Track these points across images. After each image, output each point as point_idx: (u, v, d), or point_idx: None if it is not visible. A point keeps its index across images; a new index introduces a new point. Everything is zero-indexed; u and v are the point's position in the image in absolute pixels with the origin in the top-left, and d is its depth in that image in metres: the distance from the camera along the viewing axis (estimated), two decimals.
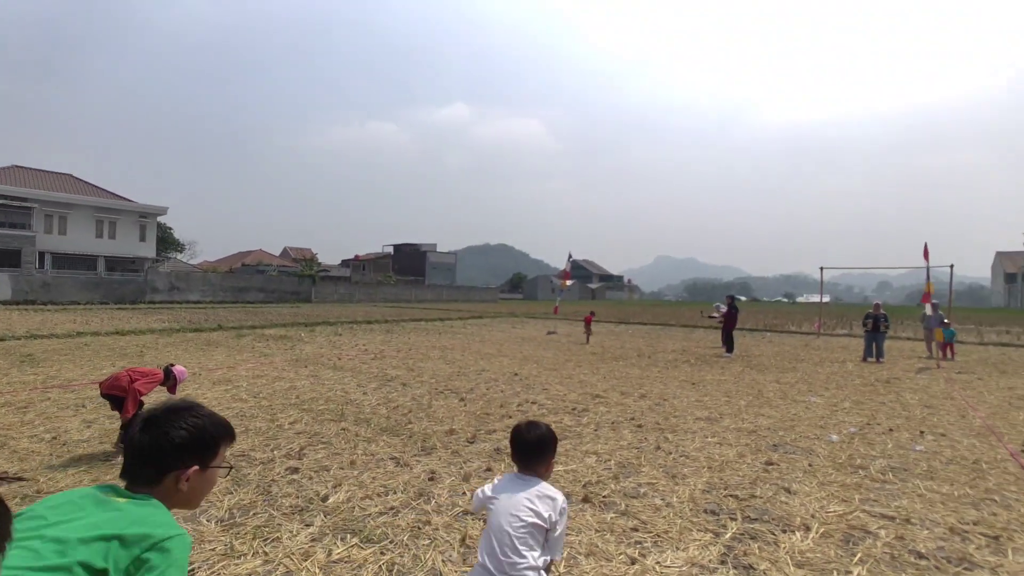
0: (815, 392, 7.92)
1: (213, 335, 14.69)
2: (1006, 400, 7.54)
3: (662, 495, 3.74)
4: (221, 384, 7.43)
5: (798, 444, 5.11)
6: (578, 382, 8.40)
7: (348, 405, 6.33)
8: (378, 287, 56.76)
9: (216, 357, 10.16)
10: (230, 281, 43.55)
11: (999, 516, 3.47)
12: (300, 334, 15.68)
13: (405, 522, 3.18)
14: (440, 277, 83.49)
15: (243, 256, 72.47)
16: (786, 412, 6.50)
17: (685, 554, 2.90)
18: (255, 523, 3.09)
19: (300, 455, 4.38)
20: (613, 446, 4.92)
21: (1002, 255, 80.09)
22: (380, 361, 10.30)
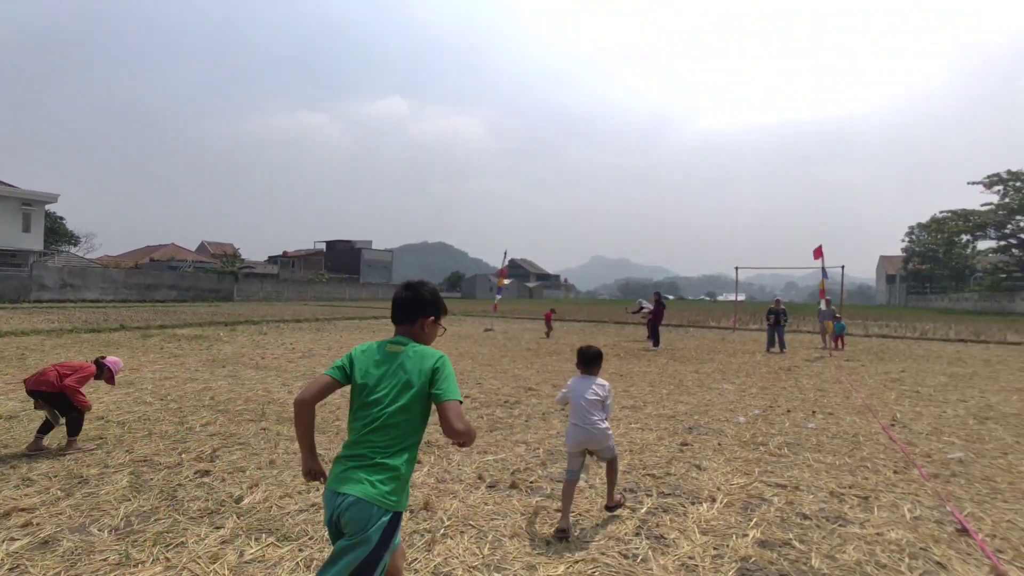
0: (728, 380, 8.60)
1: (114, 336, 13.29)
2: (882, 383, 8.63)
3: (586, 478, 3.90)
4: (121, 387, 6.74)
5: (710, 426, 5.53)
6: (512, 376, 8.53)
7: (270, 404, 5.99)
8: (309, 285, 54.03)
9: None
10: (136, 278, 39.51)
11: (869, 480, 3.97)
12: (219, 333, 14.58)
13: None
14: (376, 275, 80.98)
15: (152, 250, 65.94)
16: (702, 398, 7.01)
17: (604, 529, 3.06)
18: (156, 529, 2.85)
19: (212, 457, 4.09)
20: (543, 435, 5.06)
21: (884, 258, 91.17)
22: (309, 360, 9.84)
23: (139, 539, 2.73)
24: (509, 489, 3.66)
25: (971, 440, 5.15)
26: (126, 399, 6.06)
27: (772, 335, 13.33)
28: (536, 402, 6.56)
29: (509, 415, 5.84)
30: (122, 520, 2.94)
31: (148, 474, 3.69)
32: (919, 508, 3.43)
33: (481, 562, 2.66)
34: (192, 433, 4.76)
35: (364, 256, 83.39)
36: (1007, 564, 2.73)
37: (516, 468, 4.08)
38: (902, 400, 7.15)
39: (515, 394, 7.03)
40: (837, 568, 2.66)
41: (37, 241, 39.29)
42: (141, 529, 2.85)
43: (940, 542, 2.96)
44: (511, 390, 7.32)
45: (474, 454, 4.40)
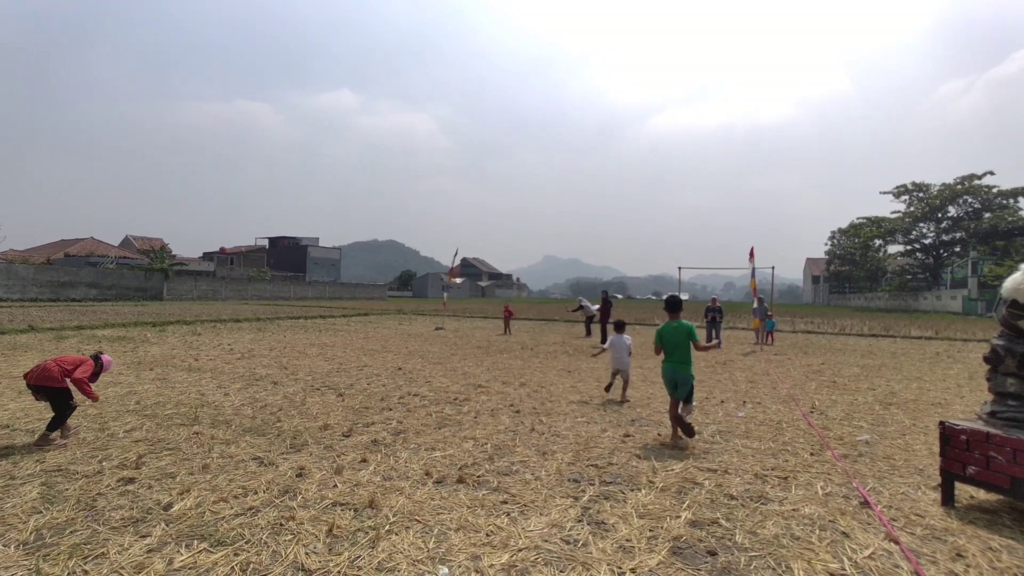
0: None
1: (21, 338, 12.05)
2: (804, 374, 9.38)
3: (532, 470, 4.00)
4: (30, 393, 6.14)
5: (651, 419, 5.81)
6: (462, 374, 8.53)
7: (204, 408, 5.68)
8: (250, 283, 51.25)
9: (24, 363, 8.35)
10: (48, 274, 35.92)
11: (789, 462, 4.33)
12: (146, 334, 13.57)
13: (265, 521, 2.99)
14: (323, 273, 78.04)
15: (67, 244, 60.01)
16: (645, 392, 7.32)
17: (547, 518, 3.16)
18: (72, 541, 2.65)
19: (137, 464, 3.83)
20: (491, 431, 5.11)
21: (810, 260, 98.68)
22: (248, 361, 9.37)
23: (52, 552, 2.53)
24: (456, 484, 3.69)
25: (876, 424, 5.72)
26: (35, 405, 5.53)
27: (710, 331, 14.11)
28: (485, 399, 6.61)
29: (458, 412, 5.85)
30: (31, 534, 2.71)
31: (62, 484, 3.41)
32: (830, 485, 3.79)
33: (426, 555, 2.68)
34: (114, 440, 4.43)
35: (310, 253, 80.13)
36: (899, 530, 3.08)
37: (463, 463, 4.11)
38: (821, 389, 7.81)
39: (464, 392, 7.05)
40: (758, 542, 2.90)
41: None
42: (55, 542, 2.64)
43: (846, 514, 3.28)
44: (460, 388, 7.33)
45: (421, 451, 4.39)
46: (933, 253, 58.56)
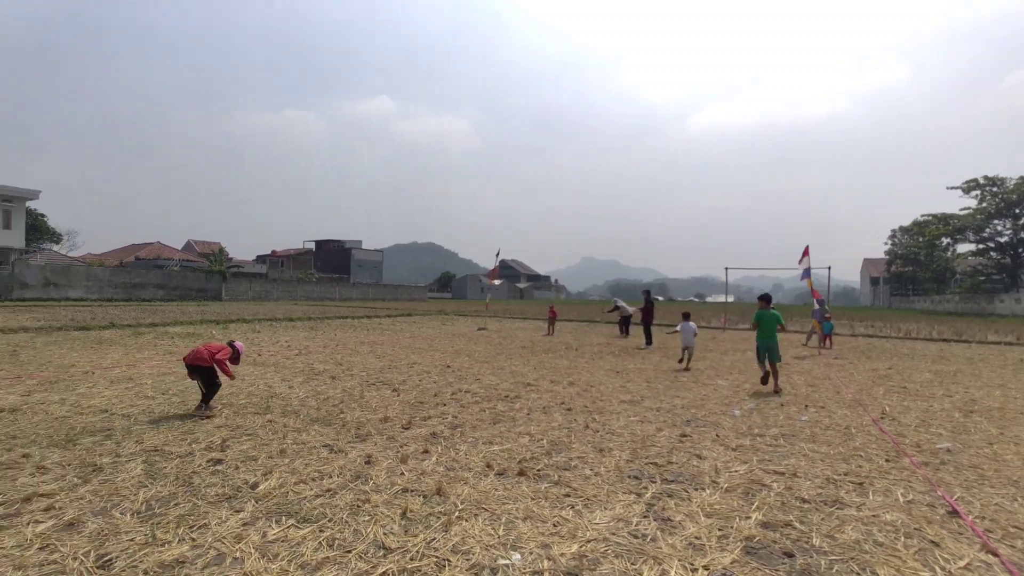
0: (722, 376, 8.79)
1: (105, 333, 13.14)
2: (870, 379, 8.88)
3: (591, 466, 4.02)
4: (121, 382, 6.73)
5: (707, 419, 5.68)
6: (509, 372, 8.63)
7: (273, 399, 6.03)
8: (299, 284, 53.60)
9: (111, 355, 9.13)
10: (121, 276, 38.91)
11: (863, 467, 4.14)
12: (212, 332, 14.49)
13: (343, 502, 3.16)
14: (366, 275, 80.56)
15: (137, 249, 64.88)
16: (697, 393, 7.17)
17: (612, 512, 3.17)
18: (178, 513, 2.90)
19: (223, 447, 4.13)
20: (545, 427, 5.16)
21: (868, 261, 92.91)
22: (305, 357, 9.84)
23: (162, 521, 2.78)
24: (517, 476, 3.76)
25: (957, 432, 5.36)
26: (127, 393, 6.05)
27: None
28: (536, 396, 6.66)
29: (510, 409, 5.93)
30: (143, 504, 2.99)
31: (161, 463, 3.72)
32: (912, 493, 3.60)
33: (497, 541, 2.76)
34: (200, 425, 4.78)
35: (354, 256, 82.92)
36: (996, 542, 2.89)
37: (522, 457, 4.18)
38: (890, 395, 7.38)
39: (514, 389, 7.13)
40: (837, 547, 2.80)
41: (18, 238, 38.49)
42: (163, 512, 2.90)
43: (933, 523, 3.11)
44: (510, 385, 7.41)
45: (479, 444, 4.49)
46: (1010, 252, 53.80)
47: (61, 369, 7.62)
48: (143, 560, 2.41)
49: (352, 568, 2.45)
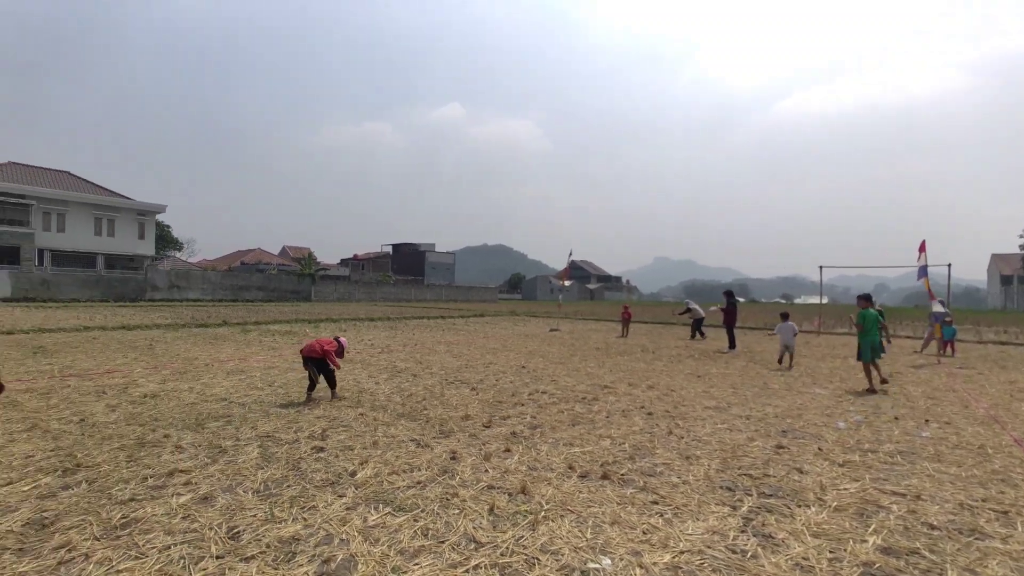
0: (819, 385, 8.06)
1: (219, 330, 14.77)
2: (1008, 393, 7.68)
3: (678, 473, 3.85)
4: (235, 374, 7.53)
5: (806, 431, 5.23)
6: (585, 374, 8.52)
7: (363, 393, 6.43)
8: (377, 286, 56.81)
9: (226, 350, 10.25)
10: (230, 280, 43.55)
11: (1007, 494, 3.59)
12: (305, 330, 15.77)
13: (433, 494, 3.30)
14: (439, 277, 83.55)
15: (242, 255, 72.40)
16: (792, 402, 6.62)
17: (705, 524, 3.02)
18: (290, 494, 3.19)
19: (323, 436, 4.48)
20: (626, 431, 5.03)
21: (997, 257, 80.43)
22: (387, 355, 10.40)
23: (278, 501, 3.08)
24: (601, 480, 3.69)
25: None
26: (241, 384, 6.76)
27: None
28: (614, 399, 6.52)
29: (588, 411, 5.86)
30: (260, 484, 3.33)
31: (273, 448, 4.12)
32: None
33: (586, 544, 2.73)
34: (302, 415, 5.23)
35: (428, 258, 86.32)
36: None
37: (604, 460, 4.11)
38: None
39: (591, 391, 7.03)
40: None
41: (149, 247, 44.49)
42: (278, 493, 3.20)
43: None
44: (587, 387, 7.32)
45: (560, 445, 4.48)
46: None
47: (187, 361, 8.69)
48: (265, 535, 2.68)
49: (447, 558, 2.54)
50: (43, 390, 6.03)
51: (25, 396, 5.70)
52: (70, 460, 3.66)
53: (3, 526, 2.69)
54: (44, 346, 10.06)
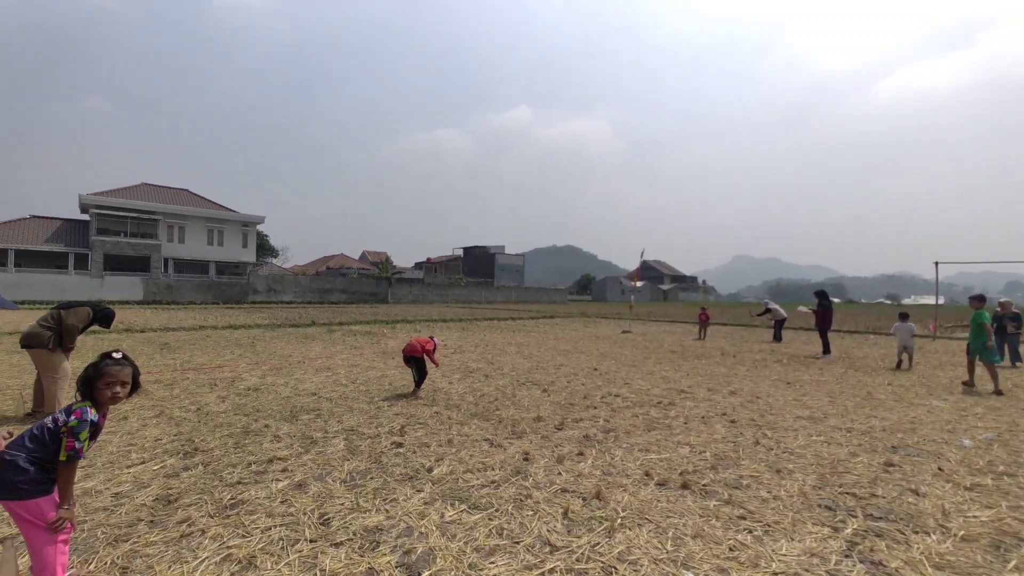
0: (937, 396, 7.10)
1: (309, 330, 16.03)
2: None
3: (767, 487, 3.57)
4: (323, 371, 8.12)
5: (922, 447, 4.62)
6: (660, 378, 8.18)
7: (437, 393, 6.65)
8: (449, 288, 58.70)
9: (314, 348, 11.09)
10: (317, 283, 47.17)
11: None
12: (383, 330, 16.66)
13: (507, 494, 3.32)
14: (508, 278, 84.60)
15: (327, 260, 78.21)
16: (903, 415, 5.89)
17: (802, 544, 2.76)
18: (373, 485, 3.37)
19: (402, 433, 4.69)
20: (706, 439, 4.75)
21: None
22: (460, 355, 10.68)
23: (363, 491, 3.26)
24: (680, 489, 3.51)
25: None
26: (328, 381, 7.27)
27: (1002, 346, 10.61)
28: (692, 404, 6.19)
29: (665, 416, 5.61)
30: (347, 475, 3.55)
31: (357, 441, 4.37)
32: None
33: (666, 556, 2.60)
34: (381, 411, 5.51)
35: (498, 260, 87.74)
36: None
37: (684, 469, 3.91)
38: None
39: (667, 396, 6.73)
40: None
41: (251, 254, 49.40)
42: (362, 484, 3.40)
43: None
44: (662, 391, 7.02)
45: (635, 451, 4.33)
46: None
47: (282, 358, 9.52)
48: (352, 523, 2.85)
49: (522, 559, 2.54)
50: (168, 381, 6.90)
51: (154, 386, 6.55)
52: (189, 444, 4.14)
53: (139, 500, 3.10)
54: (168, 343, 11.51)
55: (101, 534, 2.67)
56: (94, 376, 2.20)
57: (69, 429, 2.08)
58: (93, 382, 2.20)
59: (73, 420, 2.09)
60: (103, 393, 2.20)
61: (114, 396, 2.22)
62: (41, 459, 2.07)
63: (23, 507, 2.04)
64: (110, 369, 2.22)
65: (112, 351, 2.28)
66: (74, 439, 2.07)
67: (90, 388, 2.20)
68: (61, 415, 2.13)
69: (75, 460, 2.10)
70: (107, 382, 2.20)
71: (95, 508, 2.97)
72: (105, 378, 2.20)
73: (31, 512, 2.05)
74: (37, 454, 2.07)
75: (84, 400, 2.19)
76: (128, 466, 3.66)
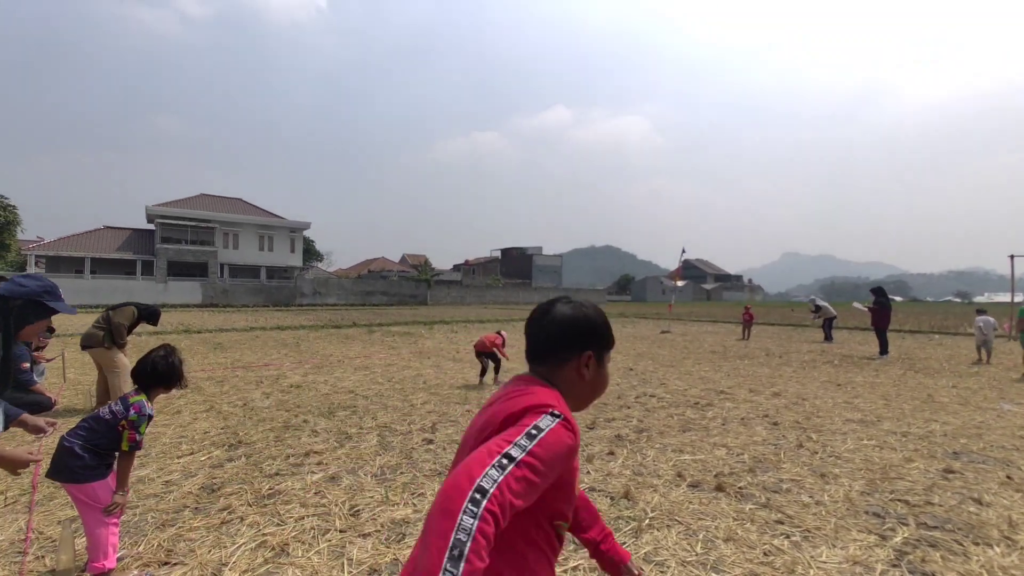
0: (1009, 399, 6.52)
1: (350, 331, 16.58)
2: None
3: (809, 492, 3.38)
4: (361, 370, 8.38)
5: (988, 454, 4.26)
6: (699, 378, 7.93)
7: (470, 391, 6.72)
8: (487, 290, 59.16)
9: (355, 348, 11.46)
10: (359, 286, 48.72)
11: None
12: (420, 331, 16.99)
13: None
14: (546, 279, 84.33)
15: (369, 263, 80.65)
16: (968, 419, 5.44)
17: (844, 552, 2.60)
18: (403, 480, 3.44)
19: (433, 430, 4.77)
20: (745, 441, 4.56)
21: None
22: None
23: (392, 485, 3.34)
24: (714, 491, 3.39)
25: None
26: (364, 379, 7.49)
27: None
28: (731, 406, 5.96)
29: (702, 417, 5.43)
30: (378, 469, 3.64)
31: (389, 437, 4.49)
32: None
33: (695, 559, 2.52)
34: (414, 409, 5.63)
35: (535, 262, 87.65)
36: None
37: (719, 471, 3.77)
38: None
39: (705, 396, 6.51)
40: None
41: (298, 259, 51.63)
42: (392, 478, 3.48)
43: None
44: (700, 392, 6.80)
45: (668, 451, 4.21)
46: None
47: (324, 357, 9.89)
48: (380, 515, 2.92)
49: None
50: (219, 378, 7.32)
51: (206, 383, 6.97)
52: (234, 437, 4.38)
53: (185, 488, 3.30)
54: (221, 343, 12.21)
55: (151, 518, 2.87)
56: (168, 374, 2.37)
57: (130, 423, 2.24)
58: (167, 380, 2.37)
59: (133, 414, 2.25)
60: (161, 391, 2.39)
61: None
62: (96, 447, 2.25)
63: (80, 490, 2.22)
64: (182, 371, 2.41)
65: (163, 348, 2.44)
66: (135, 431, 2.24)
67: (157, 383, 2.37)
68: (118, 406, 2.30)
69: (135, 450, 2.27)
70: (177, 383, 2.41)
71: (147, 495, 3.19)
72: (178, 380, 2.40)
73: (87, 495, 2.22)
74: (92, 442, 2.25)
75: (140, 393, 2.35)
76: (178, 456, 3.91)
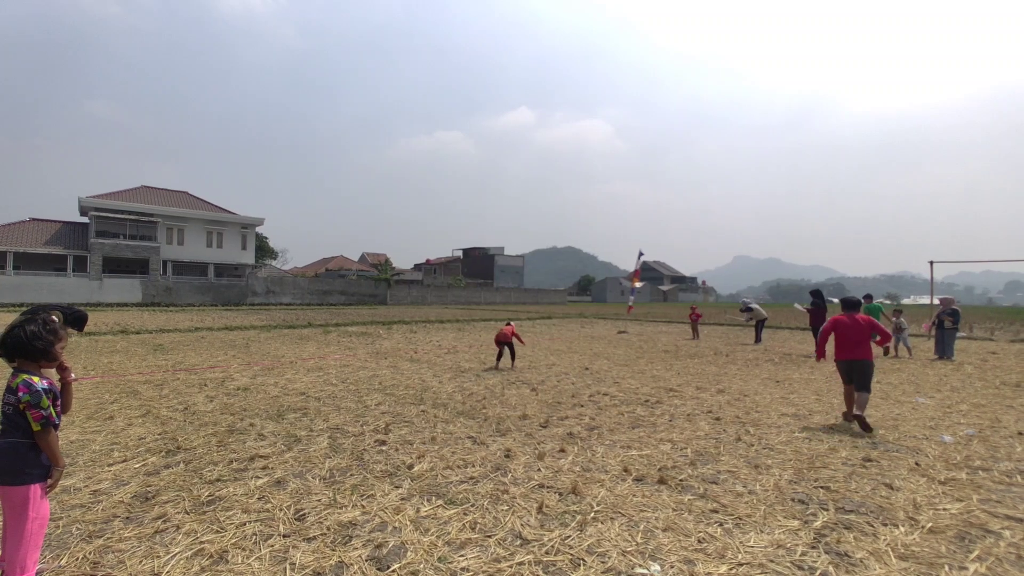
0: (923, 394, 7.14)
1: (304, 331, 16.06)
2: None
3: (743, 482, 3.61)
4: (314, 371, 8.16)
5: (902, 443, 4.66)
6: (651, 377, 8.22)
7: (426, 391, 6.69)
8: (449, 289, 58.70)
9: (308, 349, 11.13)
10: (316, 285, 47.20)
11: None
12: (379, 331, 16.69)
13: (484, 490, 3.36)
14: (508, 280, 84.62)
15: (327, 262, 78.21)
16: (888, 412, 5.93)
17: (770, 536, 2.80)
18: (352, 482, 3.41)
19: (386, 431, 4.72)
20: (689, 435, 4.79)
21: None
22: (453, 355, 10.72)
23: (340, 488, 3.30)
24: (657, 484, 3.56)
25: None
26: (318, 381, 7.31)
27: (939, 340, 11.47)
28: (679, 403, 6.23)
29: (651, 414, 5.65)
30: (327, 472, 3.58)
31: (340, 439, 4.41)
32: None
33: (635, 548, 2.64)
34: (368, 410, 5.55)
35: (497, 262, 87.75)
36: None
37: (663, 465, 3.95)
38: None
39: (655, 394, 6.77)
40: None
41: (250, 256, 49.41)
42: (341, 481, 3.43)
43: None
44: (651, 390, 7.06)
45: (617, 448, 4.36)
46: None
47: (275, 358, 9.56)
48: (327, 518, 2.89)
49: (492, 552, 2.58)
50: (158, 382, 6.94)
51: (144, 387, 6.59)
52: (172, 443, 4.19)
53: (116, 497, 3.14)
54: (163, 344, 11.55)
55: (76, 530, 2.72)
56: (27, 346, 2.14)
57: (27, 404, 2.09)
58: (30, 352, 2.15)
59: (24, 396, 2.09)
60: (43, 364, 2.21)
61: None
62: (26, 438, 2.11)
63: (16, 493, 2.08)
64: (62, 334, 2.23)
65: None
66: (37, 409, 2.09)
67: (24, 357, 2.15)
68: (10, 396, 2.11)
69: (50, 426, 2.13)
70: (62, 347, 2.24)
71: (72, 505, 3.02)
72: (60, 343, 2.23)
73: (20, 498, 2.09)
74: (17, 436, 2.10)
75: (18, 375, 2.15)
76: (109, 464, 3.70)
